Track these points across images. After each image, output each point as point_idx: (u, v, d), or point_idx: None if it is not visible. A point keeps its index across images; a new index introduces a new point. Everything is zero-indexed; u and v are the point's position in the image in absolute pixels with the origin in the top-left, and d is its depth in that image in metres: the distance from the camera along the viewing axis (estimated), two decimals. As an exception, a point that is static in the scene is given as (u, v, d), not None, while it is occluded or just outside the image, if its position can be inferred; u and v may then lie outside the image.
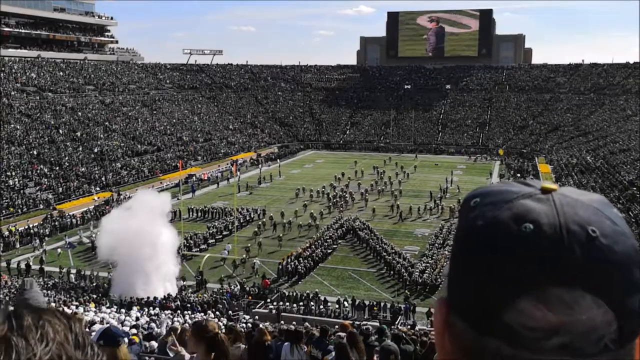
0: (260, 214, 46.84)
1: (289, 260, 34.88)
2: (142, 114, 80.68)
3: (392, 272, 34.42)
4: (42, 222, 43.41)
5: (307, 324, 17.17)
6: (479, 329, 0.76)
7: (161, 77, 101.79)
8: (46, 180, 51.90)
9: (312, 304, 29.00)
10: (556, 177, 59.55)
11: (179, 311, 24.69)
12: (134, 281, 29.84)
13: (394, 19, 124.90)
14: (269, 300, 29.58)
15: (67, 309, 20.79)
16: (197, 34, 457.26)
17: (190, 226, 43.33)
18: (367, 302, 29.12)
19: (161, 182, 56.99)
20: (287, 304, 29.08)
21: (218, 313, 25.44)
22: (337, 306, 28.93)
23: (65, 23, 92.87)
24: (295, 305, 28.81)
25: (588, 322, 0.71)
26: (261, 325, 10.66)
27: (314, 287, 31.82)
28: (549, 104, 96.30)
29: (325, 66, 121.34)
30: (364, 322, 21.11)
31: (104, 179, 55.58)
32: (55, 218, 44.79)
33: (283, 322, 20.91)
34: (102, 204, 48.66)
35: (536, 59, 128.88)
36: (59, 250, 38.45)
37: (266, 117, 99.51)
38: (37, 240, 39.78)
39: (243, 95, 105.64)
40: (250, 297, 30.23)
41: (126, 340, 10.83)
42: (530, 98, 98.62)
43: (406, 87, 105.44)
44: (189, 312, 24.57)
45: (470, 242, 0.78)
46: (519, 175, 63.20)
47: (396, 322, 26.00)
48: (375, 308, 28.64)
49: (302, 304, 28.87)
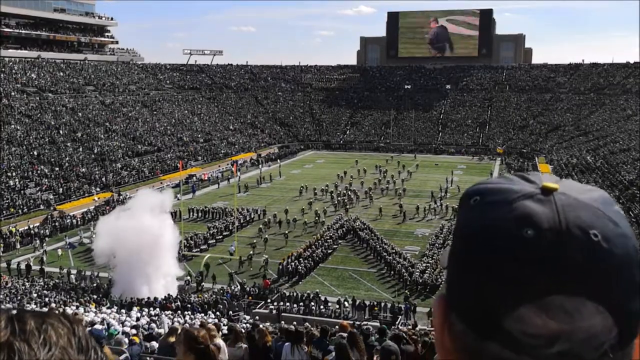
0: (260, 214, 46.91)
1: (289, 261, 34.88)
2: (142, 114, 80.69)
3: (392, 272, 34.41)
4: (42, 223, 43.43)
5: (308, 324, 17.16)
6: (479, 332, 0.76)
7: (161, 77, 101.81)
8: (46, 180, 51.91)
9: (313, 304, 28.98)
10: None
11: (179, 312, 24.68)
12: (134, 281, 29.83)
13: (394, 19, 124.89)
14: (269, 301, 29.57)
15: (67, 309, 20.79)
16: (197, 35, 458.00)
17: (191, 226, 43.33)
18: (367, 303, 29.11)
19: (161, 183, 56.98)
20: (288, 304, 29.07)
21: (218, 313, 25.44)
22: (337, 306, 28.92)
23: (66, 23, 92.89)
24: (295, 305, 28.80)
25: (588, 330, 0.71)
26: (261, 326, 10.65)
27: (314, 287, 31.82)
28: (549, 103, 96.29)
29: (326, 66, 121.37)
30: (365, 322, 21.11)
31: (104, 179, 55.59)
32: (56, 219, 44.80)
33: (283, 322, 20.90)
34: (103, 204, 48.67)
35: (536, 59, 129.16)
36: (60, 251, 38.45)
37: (266, 118, 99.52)
38: (38, 241, 39.79)
39: (243, 96, 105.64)
40: (250, 298, 30.23)
41: (115, 341, 10.83)
42: (531, 98, 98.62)
43: (406, 87, 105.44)
44: (189, 312, 24.56)
45: (469, 242, 0.78)
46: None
47: (397, 322, 26.00)
48: (376, 308, 28.63)
49: (302, 304, 28.86)
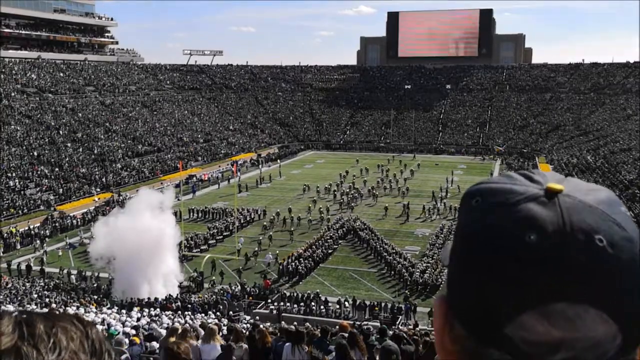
0: (260, 215, 46.95)
1: (290, 261, 34.88)
2: (142, 114, 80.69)
3: (392, 273, 34.40)
4: (42, 223, 43.43)
5: (308, 324, 17.15)
6: (479, 337, 0.75)
7: (161, 77, 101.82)
8: (47, 181, 51.90)
9: (313, 304, 28.97)
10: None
11: (179, 312, 24.67)
12: (135, 281, 29.83)
13: (394, 19, 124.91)
14: (269, 301, 29.56)
15: (68, 309, 20.79)
16: (197, 35, 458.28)
17: (191, 227, 43.34)
18: (367, 303, 29.10)
19: (161, 183, 56.96)
20: (288, 304, 29.07)
21: (219, 314, 25.44)
22: (337, 306, 28.91)
23: (66, 24, 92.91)
24: (296, 305, 28.79)
25: (592, 338, 0.70)
26: (261, 326, 10.66)
27: (314, 287, 31.82)
28: (549, 103, 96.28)
29: (326, 66, 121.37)
30: (365, 323, 21.12)
31: (104, 179, 55.60)
32: (56, 219, 44.81)
33: (284, 322, 20.89)
34: (103, 204, 48.68)
35: (536, 59, 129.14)
36: (60, 251, 38.43)
37: (266, 118, 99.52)
38: (38, 241, 39.79)
39: (243, 96, 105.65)
40: (251, 298, 30.22)
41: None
42: (531, 98, 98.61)
43: (406, 87, 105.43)
44: (190, 312, 24.55)
45: (471, 242, 0.76)
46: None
47: (397, 322, 26.00)
48: (376, 308, 28.61)
49: (302, 304, 28.86)
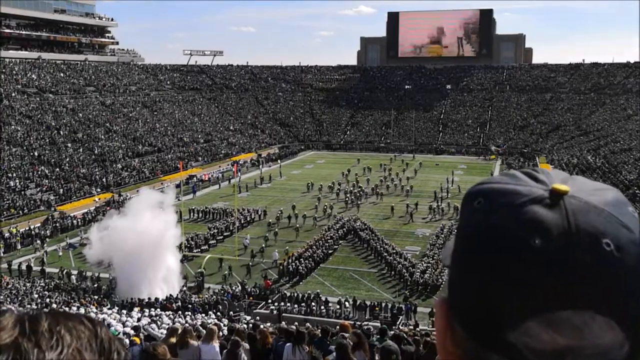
0: (261, 215, 46.98)
1: (290, 261, 34.89)
2: (142, 115, 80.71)
3: (393, 273, 34.40)
4: (43, 224, 43.43)
5: (309, 324, 17.16)
6: (481, 341, 0.73)
7: (161, 78, 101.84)
8: (47, 181, 51.92)
9: (313, 304, 28.98)
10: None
11: (179, 312, 24.68)
12: (135, 281, 29.84)
13: (394, 19, 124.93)
14: (270, 301, 29.57)
15: (68, 310, 20.79)
16: (197, 35, 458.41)
17: (191, 227, 43.35)
18: (368, 303, 29.11)
19: (162, 183, 56.99)
20: (288, 304, 29.07)
21: (219, 314, 25.44)
22: (338, 307, 28.92)
23: (66, 24, 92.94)
24: (296, 305, 28.80)
25: (598, 346, 0.68)
26: (262, 327, 10.66)
27: (315, 287, 31.82)
28: (550, 103, 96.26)
29: (326, 67, 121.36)
30: (365, 323, 21.12)
31: (104, 180, 55.62)
32: (56, 219, 44.82)
33: (284, 322, 20.90)
34: (103, 205, 48.69)
35: (537, 59, 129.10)
36: (60, 251, 38.43)
37: (267, 118, 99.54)
38: (38, 242, 39.80)
39: (243, 96, 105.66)
40: (251, 298, 30.23)
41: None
42: (531, 98, 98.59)
43: (406, 87, 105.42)
44: (190, 313, 24.55)
45: (472, 242, 0.75)
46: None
47: (397, 323, 26.00)
48: (377, 308, 28.62)
49: (303, 304, 28.87)
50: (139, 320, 18.72)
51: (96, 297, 29.48)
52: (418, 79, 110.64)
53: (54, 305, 23.84)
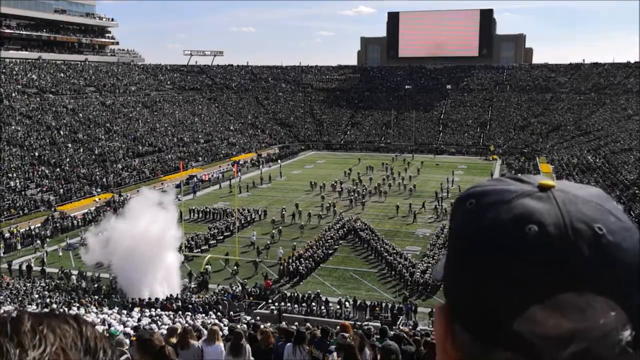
0: (261, 215, 46.99)
1: (290, 261, 34.89)
2: (142, 115, 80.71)
3: (393, 273, 34.41)
4: (43, 224, 43.44)
5: (309, 324, 17.16)
6: (485, 339, 0.73)
7: (162, 78, 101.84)
8: (47, 181, 51.92)
9: (314, 304, 28.98)
10: (557, 177, 59.51)
11: (180, 312, 24.68)
12: (136, 282, 29.84)
13: (394, 19, 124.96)
14: (270, 301, 29.57)
15: (68, 310, 20.80)
16: (197, 35, 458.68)
17: (192, 227, 43.35)
18: (368, 303, 29.11)
19: (162, 183, 57.00)
20: (289, 304, 29.07)
21: (219, 314, 25.43)
22: (338, 307, 28.92)
23: (66, 24, 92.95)
24: (296, 305, 28.80)
25: (603, 327, 0.69)
26: (262, 327, 10.66)
27: (315, 287, 31.81)
28: (550, 103, 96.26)
29: (326, 67, 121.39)
30: (366, 323, 21.12)
31: (105, 180, 55.62)
32: (57, 219, 44.81)
33: (284, 322, 20.89)
34: (104, 205, 48.69)
35: (537, 59, 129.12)
36: (60, 252, 38.43)
37: (267, 118, 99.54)
38: (39, 242, 39.80)
39: (244, 96, 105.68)
40: (251, 298, 30.23)
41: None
42: (531, 98, 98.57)
43: (407, 87, 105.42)
44: (190, 313, 24.55)
45: (467, 243, 0.76)
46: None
47: (397, 323, 25.99)
48: (377, 308, 28.62)
49: (303, 304, 28.86)
50: (139, 320, 18.73)
51: (96, 297, 29.48)
52: (418, 79, 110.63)
53: (54, 306, 23.83)
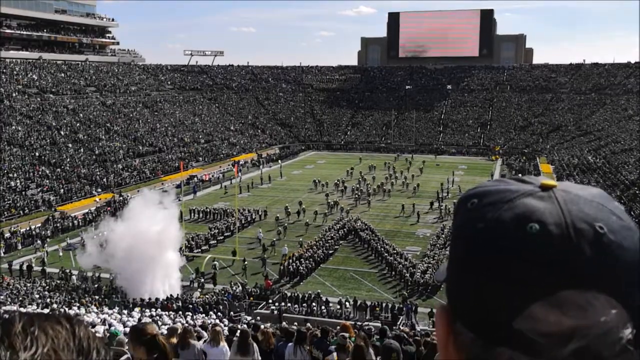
0: (261, 215, 46.99)
1: (291, 261, 34.89)
2: (143, 115, 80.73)
3: (393, 273, 34.40)
4: (43, 224, 43.44)
5: (309, 324, 17.16)
6: (487, 337, 0.73)
7: (162, 78, 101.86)
8: (48, 181, 51.93)
9: (314, 304, 28.97)
10: (557, 177, 59.46)
11: (180, 312, 24.68)
12: (137, 282, 29.83)
13: (394, 19, 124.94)
14: (270, 301, 29.57)
15: (69, 310, 20.81)
16: (197, 35, 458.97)
17: (192, 227, 43.35)
18: (368, 303, 29.10)
19: (162, 183, 57.01)
20: (289, 304, 29.07)
21: (220, 314, 25.43)
22: (338, 307, 28.91)
23: (67, 25, 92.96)
24: (297, 306, 28.80)
25: (604, 324, 0.69)
26: (263, 327, 10.66)
27: (315, 287, 31.81)
28: (550, 104, 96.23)
29: (326, 67, 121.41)
30: (366, 323, 21.12)
31: (105, 180, 55.62)
32: (57, 219, 44.82)
33: (285, 322, 20.89)
34: (104, 205, 48.70)
35: (537, 59, 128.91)
36: (60, 252, 38.43)
37: (267, 118, 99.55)
38: (39, 242, 39.81)
39: (244, 96, 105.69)
40: (251, 298, 30.22)
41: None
42: (532, 98, 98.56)
43: (407, 87, 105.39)
44: (190, 313, 24.55)
45: (468, 243, 0.76)
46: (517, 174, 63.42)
47: (398, 323, 25.98)
48: (377, 309, 28.62)
49: (304, 304, 28.86)
50: (139, 320, 18.73)
51: (97, 297, 29.49)
52: (418, 79, 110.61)
53: (55, 306, 23.83)
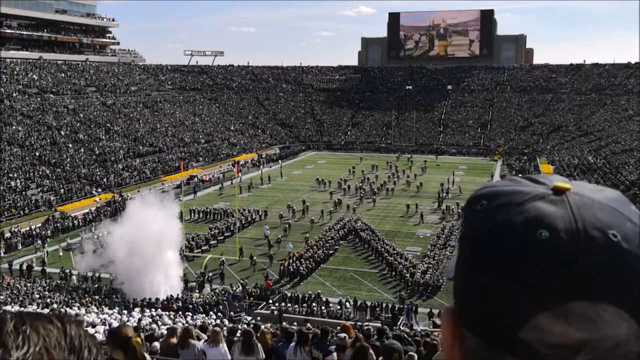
0: (262, 215, 46.99)
1: (291, 261, 34.89)
2: (143, 115, 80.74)
3: (394, 273, 34.39)
4: (43, 224, 43.44)
5: (309, 325, 17.16)
6: (492, 344, 0.71)
7: (162, 78, 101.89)
8: (48, 181, 51.93)
9: (314, 305, 28.97)
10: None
11: (180, 312, 24.67)
12: (137, 282, 29.82)
13: (395, 19, 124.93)
14: (270, 301, 29.56)
15: (69, 310, 20.81)
16: (198, 35, 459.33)
17: (192, 227, 43.34)
18: (368, 303, 29.11)
19: (162, 184, 57.01)
20: (289, 304, 29.07)
21: (220, 314, 25.42)
22: (338, 307, 28.91)
23: (67, 25, 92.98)
24: (297, 306, 28.79)
25: (613, 338, 0.66)
26: (263, 327, 10.67)
27: (315, 288, 31.82)
28: (551, 104, 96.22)
29: (327, 67, 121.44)
30: (366, 323, 21.11)
31: (105, 180, 55.62)
32: (57, 219, 44.82)
33: (285, 323, 20.88)
34: (104, 205, 48.69)
35: (537, 59, 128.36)
36: (60, 252, 38.44)
37: (267, 118, 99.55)
38: (39, 242, 39.81)
39: (244, 97, 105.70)
40: (252, 298, 30.22)
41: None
42: (532, 98, 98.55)
43: (407, 87, 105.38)
44: (190, 313, 24.54)
45: (476, 243, 0.74)
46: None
47: (398, 323, 25.98)
48: (377, 309, 28.61)
49: (304, 305, 28.85)
50: (139, 320, 18.73)
51: (97, 297, 29.49)
52: (419, 80, 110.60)
53: (55, 306, 23.83)
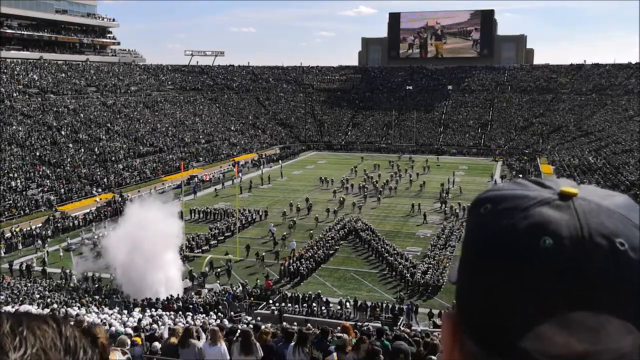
0: (262, 215, 47.01)
1: (291, 261, 34.89)
2: (143, 115, 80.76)
3: (394, 273, 34.40)
4: (44, 224, 43.45)
5: (309, 325, 17.17)
6: (491, 351, 0.70)
7: (163, 78, 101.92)
8: (48, 181, 51.95)
9: (314, 305, 28.97)
10: (558, 178, 59.40)
11: (180, 312, 24.67)
12: (137, 282, 29.82)
13: (395, 19, 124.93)
14: (270, 302, 29.56)
15: (70, 310, 20.80)
16: (198, 35, 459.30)
17: (192, 227, 43.35)
18: (369, 303, 29.10)
19: (163, 184, 57.03)
20: (289, 305, 29.07)
21: (220, 314, 25.42)
22: (339, 307, 28.91)
23: (67, 25, 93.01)
24: (297, 306, 28.80)
25: (617, 350, 0.65)
26: (263, 327, 10.67)
27: (316, 288, 31.82)
28: (551, 104, 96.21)
29: (327, 67, 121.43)
30: (366, 323, 21.12)
31: (106, 180, 55.64)
32: (57, 219, 44.83)
33: (286, 323, 20.89)
34: (104, 205, 48.71)
35: (538, 60, 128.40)
36: (61, 252, 38.45)
37: (268, 118, 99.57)
38: (39, 242, 39.83)
39: (245, 97, 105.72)
40: (252, 298, 30.22)
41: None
42: (532, 99, 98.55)
43: (408, 88, 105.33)
44: (191, 313, 24.54)
45: (481, 246, 0.72)
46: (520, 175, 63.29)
47: (398, 323, 25.99)
48: (378, 309, 28.61)
49: (304, 305, 28.86)
50: (139, 320, 18.73)
51: (97, 297, 29.49)
52: (419, 80, 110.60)
53: (55, 306, 23.83)
